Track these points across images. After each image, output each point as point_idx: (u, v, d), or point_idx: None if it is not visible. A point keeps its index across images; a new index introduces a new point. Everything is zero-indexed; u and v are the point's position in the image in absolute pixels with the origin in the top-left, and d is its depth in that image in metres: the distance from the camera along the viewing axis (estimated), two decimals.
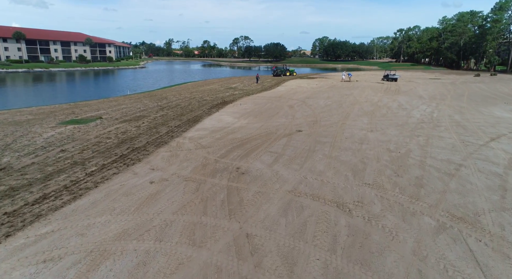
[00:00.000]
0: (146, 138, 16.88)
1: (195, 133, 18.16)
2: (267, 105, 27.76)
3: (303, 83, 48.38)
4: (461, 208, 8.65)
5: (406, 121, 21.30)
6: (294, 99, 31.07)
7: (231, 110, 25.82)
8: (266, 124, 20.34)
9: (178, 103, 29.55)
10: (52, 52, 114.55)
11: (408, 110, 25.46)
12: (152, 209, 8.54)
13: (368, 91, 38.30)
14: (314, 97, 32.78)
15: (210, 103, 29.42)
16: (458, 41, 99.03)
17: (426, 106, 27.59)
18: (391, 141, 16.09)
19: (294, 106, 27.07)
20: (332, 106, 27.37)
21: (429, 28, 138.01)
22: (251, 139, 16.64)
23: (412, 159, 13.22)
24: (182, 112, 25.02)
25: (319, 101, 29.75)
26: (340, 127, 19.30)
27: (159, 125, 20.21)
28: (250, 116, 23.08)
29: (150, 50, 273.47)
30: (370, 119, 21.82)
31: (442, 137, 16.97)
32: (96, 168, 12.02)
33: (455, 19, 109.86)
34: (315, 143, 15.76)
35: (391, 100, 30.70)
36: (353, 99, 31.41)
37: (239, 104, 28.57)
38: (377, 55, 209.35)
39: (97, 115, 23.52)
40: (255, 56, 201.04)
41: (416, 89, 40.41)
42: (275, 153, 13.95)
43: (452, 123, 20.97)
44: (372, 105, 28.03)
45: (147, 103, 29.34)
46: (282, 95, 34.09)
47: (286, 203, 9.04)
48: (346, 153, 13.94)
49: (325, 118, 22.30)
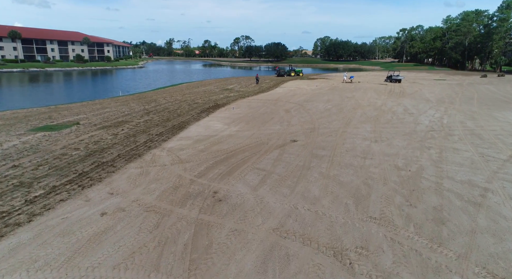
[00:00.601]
0: (119, 149, 14.77)
1: (176, 143, 16.05)
2: (261, 110, 25.61)
3: (303, 85, 46.20)
4: (501, 261, 6.49)
5: (414, 129, 19.10)
6: (292, 103, 28.91)
7: (222, 115, 23.70)
8: (258, 133, 18.20)
9: (166, 106, 27.45)
10: (49, 52, 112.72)
11: (415, 116, 23.26)
12: (88, 260, 6.42)
13: (371, 93, 36.10)
14: (313, 100, 30.60)
15: (201, 106, 27.31)
16: (463, 41, 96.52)
17: (435, 111, 25.37)
18: (398, 155, 13.92)
19: (290, 111, 24.91)
20: (332, 110, 25.19)
21: (432, 27, 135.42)
22: (238, 151, 14.52)
23: (426, 179, 11.05)
24: (168, 117, 22.91)
25: (318, 105, 27.57)
26: (341, 137, 17.13)
27: (139, 133, 18.11)
28: (242, 123, 20.94)
29: (151, 49, 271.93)
30: (373, 127, 19.64)
31: (457, 150, 14.78)
32: (44, 191, 9.92)
33: (459, 18, 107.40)
34: (311, 156, 13.61)
35: (396, 104, 28.49)
36: (355, 102, 29.22)
37: (232, 108, 26.45)
38: (379, 55, 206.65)
39: (75, 121, 21.44)
40: (256, 56, 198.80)
41: (422, 92, 38.16)
42: (263, 171, 11.81)
43: (466, 131, 18.77)
44: (375, 109, 25.84)
45: (134, 107, 27.26)
46: (279, 98, 31.94)
47: (267, 249, 6.91)
48: (347, 171, 11.79)
49: (324, 125, 20.14)
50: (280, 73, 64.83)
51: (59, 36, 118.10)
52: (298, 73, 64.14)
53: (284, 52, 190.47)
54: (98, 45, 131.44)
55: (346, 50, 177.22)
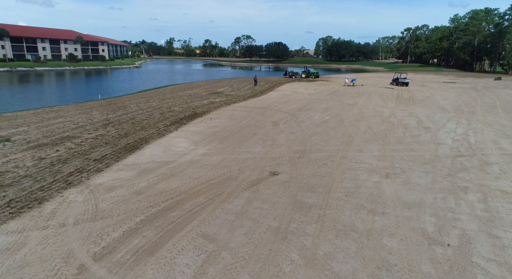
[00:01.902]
0: (20, 189, 10.37)
1: (112, 176, 11.65)
2: (245, 121, 21.16)
3: (300, 88, 41.71)
4: None
5: (436, 153, 14.60)
6: (283, 112, 24.43)
7: (195, 129, 19.28)
8: (230, 158, 13.77)
9: (134, 116, 23.07)
10: (40, 51, 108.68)
11: (432, 132, 18.74)
12: None
13: (376, 99, 31.55)
14: (308, 108, 26.10)
15: (175, 116, 22.91)
16: (472, 40, 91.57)
17: (455, 124, 20.84)
18: (423, 205, 9.45)
19: (279, 123, 20.45)
20: (330, 123, 20.70)
21: (438, 27, 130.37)
22: (190, 194, 10.10)
23: (482, 271, 6.57)
24: (128, 131, 18.53)
25: (314, 116, 23.07)
26: (338, 167, 12.66)
27: (74, 157, 13.72)
28: (215, 141, 16.52)
29: (151, 49, 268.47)
30: (382, 149, 15.15)
31: (507, 195, 10.28)
32: None
33: (468, 17, 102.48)
34: (292, 208, 9.17)
35: (406, 114, 23.95)
36: (357, 112, 24.70)
37: (210, 118, 22.01)
38: (382, 56, 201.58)
39: (7, 136, 17.07)
40: (256, 56, 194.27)
41: (434, 97, 33.56)
42: (210, 242, 7.37)
43: (506, 157, 14.24)
44: (383, 121, 21.32)
45: (94, 116, 22.88)
46: (270, 105, 27.49)
47: None
48: (346, 244, 7.35)
49: (318, 145, 15.67)
50: (289, 74, 60.06)
51: (51, 34, 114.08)
52: (316, 75, 57.75)
53: (286, 52, 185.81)
54: (92, 44, 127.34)
55: (349, 50, 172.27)
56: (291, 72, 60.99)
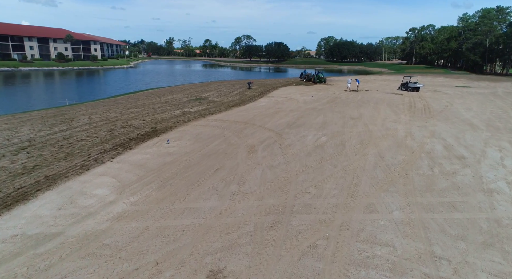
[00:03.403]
0: None
1: None
2: (212, 145, 15.69)
3: (296, 94, 36.22)
4: None
5: (494, 216, 9.09)
6: (267, 129, 18.94)
7: (139, 157, 13.82)
8: (157, 227, 8.34)
9: (73, 133, 17.67)
10: (27, 50, 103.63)
11: (471, 165, 13.21)
12: None
13: (385, 110, 26.02)
14: (301, 123, 20.61)
15: (126, 135, 17.49)
16: (483, 41, 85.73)
17: (498, 151, 15.31)
18: None
19: (257, 150, 14.95)
20: (327, 149, 15.18)
21: (445, 27, 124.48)
22: None
23: None
24: (42, 161, 13.12)
25: (307, 136, 17.56)
26: (336, 258, 7.16)
27: None
28: (153, 184, 11.05)
29: (151, 49, 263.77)
30: (406, 205, 9.65)
31: None
32: None
33: (477, 16, 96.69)
34: None
35: (427, 134, 18.43)
36: (363, 129, 19.17)
37: (167, 141, 16.54)
38: (385, 57, 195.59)
39: None
40: (256, 56, 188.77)
41: (454, 107, 27.99)
42: None
43: None
44: (398, 146, 15.80)
45: (21, 133, 17.48)
46: (254, 118, 22.02)
47: None
48: None
49: (306, 195, 10.18)
50: (304, 77, 51.60)
51: (39, 33, 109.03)
52: (321, 81, 48.94)
53: (286, 52, 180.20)
54: (84, 43, 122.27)
55: (351, 51, 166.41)
56: (306, 76, 51.56)
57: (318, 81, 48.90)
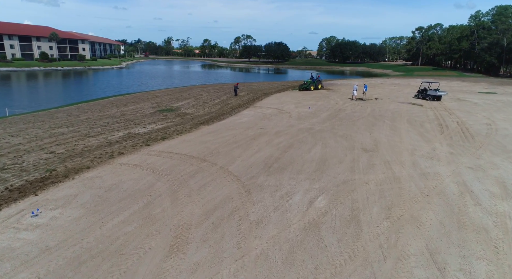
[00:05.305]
0: None
1: None
2: (107, 227, 8.42)
3: (289, 104, 28.97)
4: None
5: None
6: (230, 176, 11.64)
7: None
8: None
9: None
10: (7, 49, 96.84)
11: None
12: None
13: (408, 132, 18.70)
14: (286, 162, 13.28)
15: None
16: (500, 40, 78.18)
17: None
18: None
19: (190, 241, 7.66)
20: (327, 236, 7.88)
21: (454, 26, 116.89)
22: None
23: None
24: None
25: (294, 192, 10.24)
26: None
27: None
28: None
29: (149, 48, 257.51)
30: None
31: None
32: None
33: (491, 13, 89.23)
34: None
35: (493, 185, 11.11)
36: (386, 177, 11.83)
37: (36, 209, 9.26)
38: (389, 57, 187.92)
39: None
40: (255, 56, 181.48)
41: (500, 126, 20.65)
42: None
43: None
44: (458, 224, 8.51)
45: None
46: (218, 149, 14.78)
47: None
48: None
49: None
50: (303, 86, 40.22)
51: (21, 31, 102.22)
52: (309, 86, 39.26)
53: (286, 52, 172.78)
54: (71, 42, 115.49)
55: (354, 51, 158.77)
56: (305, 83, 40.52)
57: (303, 88, 39.27)
